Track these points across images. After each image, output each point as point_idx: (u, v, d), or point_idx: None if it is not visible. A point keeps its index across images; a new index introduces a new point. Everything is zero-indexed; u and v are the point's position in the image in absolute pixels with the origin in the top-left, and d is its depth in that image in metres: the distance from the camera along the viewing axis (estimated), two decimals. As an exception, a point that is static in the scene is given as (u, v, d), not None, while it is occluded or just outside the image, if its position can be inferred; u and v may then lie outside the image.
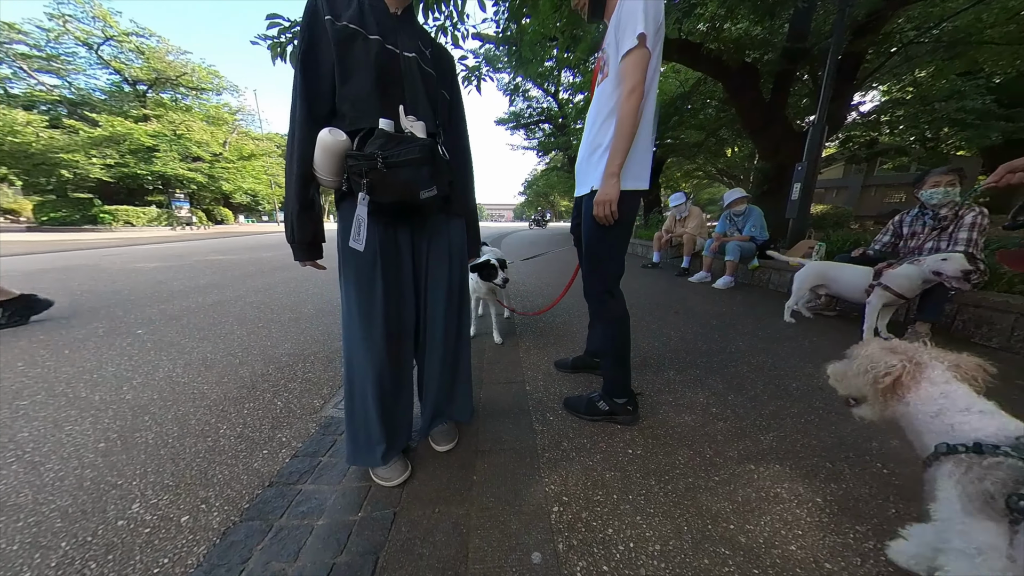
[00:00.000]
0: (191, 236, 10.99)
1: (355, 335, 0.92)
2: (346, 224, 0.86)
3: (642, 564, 0.76)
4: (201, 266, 4.73)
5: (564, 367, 1.69)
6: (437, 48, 1.00)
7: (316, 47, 0.82)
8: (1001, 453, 0.51)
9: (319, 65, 0.83)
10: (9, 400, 1.38)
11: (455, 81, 1.07)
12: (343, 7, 0.83)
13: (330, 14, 0.81)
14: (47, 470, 1.03)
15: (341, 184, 0.84)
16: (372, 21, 0.85)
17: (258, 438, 1.21)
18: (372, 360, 0.92)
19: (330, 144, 0.77)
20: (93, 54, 15.42)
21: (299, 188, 0.84)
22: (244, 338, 2.12)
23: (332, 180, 0.82)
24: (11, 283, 3.31)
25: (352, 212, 0.82)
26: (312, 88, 0.83)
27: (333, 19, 0.81)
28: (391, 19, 0.88)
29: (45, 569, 0.75)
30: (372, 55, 0.83)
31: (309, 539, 0.84)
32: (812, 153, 3.85)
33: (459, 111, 1.06)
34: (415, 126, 0.85)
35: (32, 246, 6.67)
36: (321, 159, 0.79)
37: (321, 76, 0.83)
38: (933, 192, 2.09)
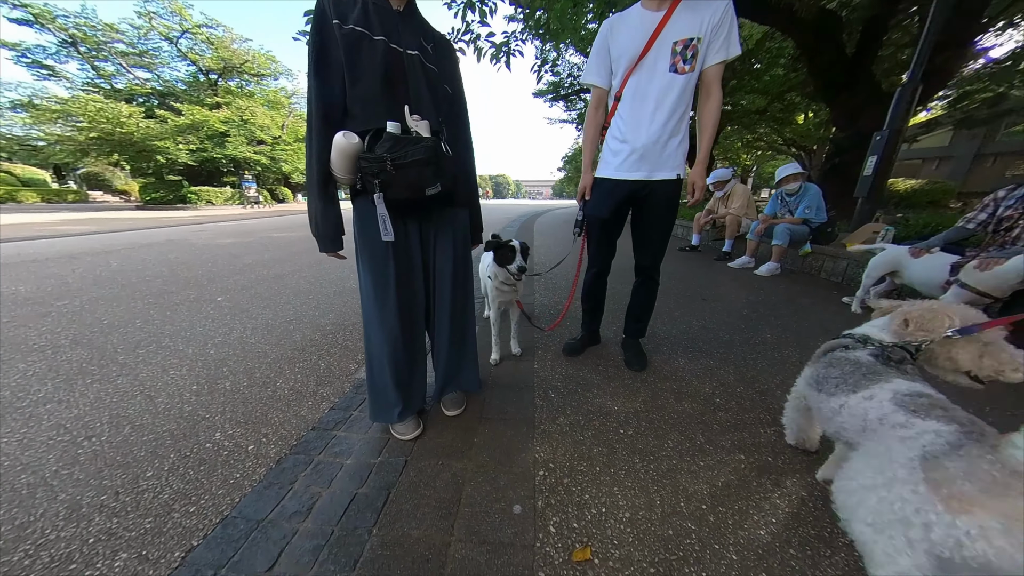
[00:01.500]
0: (258, 214, 12.30)
1: (371, 315, 1.06)
2: (361, 216, 0.98)
3: (609, 527, 0.86)
4: (265, 242, 5.37)
5: (574, 352, 1.75)
6: (438, 42, 1.04)
7: (326, 51, 0.88)
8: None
9: (330, 68, 0.89)
10: (132, 349, 1.79)
11: (456, 74, 1.11)
12: (348, 8, 0.88)
13: (337, 17, 0.86)
14: (160, 403, 1.36)
15: (356, 182, 0.93)
16: (376, 21, 0.90)
17: (305, 391, 1.46)
18: (386, 337, 1.06)
19: (344, 147, 0.87)
20: (173, 47, 17.16)
21: (320, 187, 0.94)
22: (298, 308, 2.46)
23: (348, 178, 0.93)
24: (127, 255, 4.08)
25: (366, 206, 0.95)
26: (325, 92, 0.90)
27: (340, 22, 0.87)
28: (394, 16, 0.94)
29: (160, 472, 1.03)
30: (378, 56, 0.89)
31: (339, 472, 1.04)
32: (896, 120, 3.27)
33: (460, 103, 1.11)
34: (420, 125, 0.93)
35: (142, 223, 7.98)
36: (337, 160, 0.89)
37: (332, 79, 0.89)
38: None
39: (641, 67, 1.23)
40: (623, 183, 1.37)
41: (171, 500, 0.94)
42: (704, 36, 1.17)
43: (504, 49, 2.85)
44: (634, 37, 1.22)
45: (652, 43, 1.20)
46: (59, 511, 0.90)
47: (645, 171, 1.33)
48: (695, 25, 1.17)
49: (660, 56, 1.20)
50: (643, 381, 1.51)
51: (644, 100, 1.25)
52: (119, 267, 3.48)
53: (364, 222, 0.98)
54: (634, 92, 1.27)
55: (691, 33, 1.17)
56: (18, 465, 1.03)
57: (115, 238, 5.45)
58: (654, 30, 1.18)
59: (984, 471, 0.48)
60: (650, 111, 1.24)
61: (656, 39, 1.19)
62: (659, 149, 1.28)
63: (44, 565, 0.77)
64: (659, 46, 1.19)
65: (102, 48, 15.82)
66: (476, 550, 0.81)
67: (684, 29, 1.17)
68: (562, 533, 0.84)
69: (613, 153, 1.37)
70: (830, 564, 0.77)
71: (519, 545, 0.82)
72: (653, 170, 1.32)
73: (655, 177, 1.33)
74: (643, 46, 1.21)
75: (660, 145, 1.28)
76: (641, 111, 1.26)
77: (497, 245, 1.45)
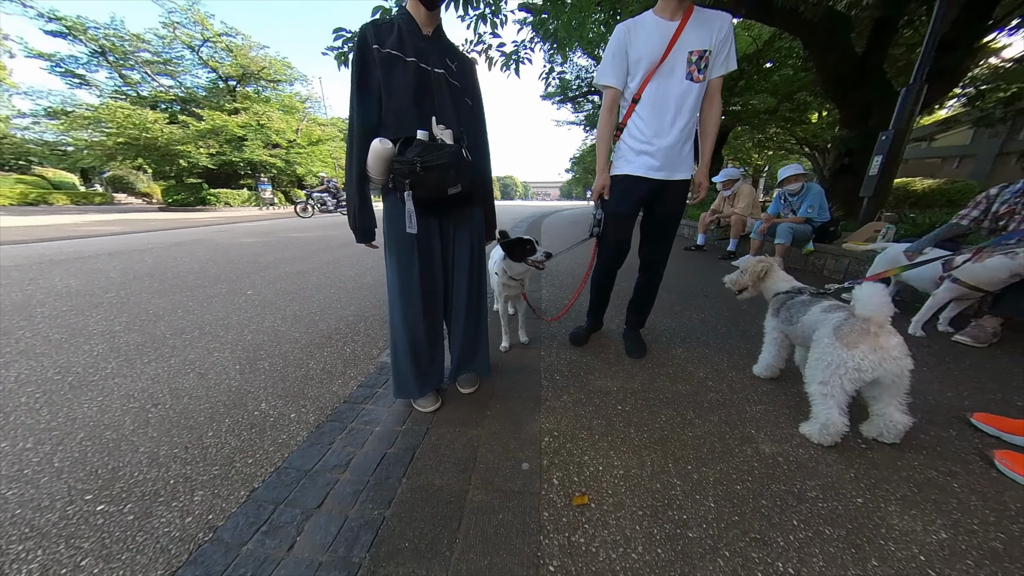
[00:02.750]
0: (274, 215, 12.72)
1: (396, 302, 1.19)
2: (390, 213, 1.13)
3: (605, 481, 0.99)
4: (284, 241, 5.63)
5: (580, 341, 1.85)
6: (462, 61, 1.17)
7: (367, 72, 1.03)
8: (782, 294, 1.41)
9: (370, 86, 1.04)
10: (178, 334, 1.99)
11: (476, 88, 1.25)
12: (386, 34, 1.04)
13: (376, 42, 1.02)
14: (210, 378, 1.54)
15: (388, 182, 1.07)
16: (409, 45, 1.05)
17: (335, 372, 1.63)
18: (409, 322, 1.20)
19: (380, 152, 1.00)
20: (195, 55, 17.85)
21: (359, 187, 1.10)
22: (321, 301, 2.64)
23: (380, 179, 1.06)
24: (160, 253, 4.37)
25: (394, 204, 1.10)
26: (366, 107, 1.05)
27: (379, 47, 1.02)
28: (424, 40, 1.08)
29: (219, 432, 1.21)
30: (410, 75, 1.04)
31: (370, 437, 1.20)
32: (902, 120, 3.31)
33: (479, 114, 1.25)
34: (444, 134, 1.07)
35: (166, 223, 8.40)
36: (373, 163, 1.02)
37: (372, 95, 1.05)
38: None
39: (660, 73, 1.30)
40: (644, 181, 1.43)
41: (231, 454, 1.11)
42: (713, 49, 1.28)
43: (514, 58, 3.00)
44: (652, 43, 1.28)
45: (670, 50, 1.27)
46: (141, 460, 1.07)
47: (666, 172, 1.41)
48: (706, 38, 1.27)
49: (677, 64, 1.29)
50: (641, 366, 1.64)
51: (665, 105, 1.33)
52: (154, 264, 3.75)
53: (392, 218, 1.12)
54: (654, 97, 1.33)
55: (704, 45, 1.27)
56: (101, 425, 1.22)
57: (145, 237, 5.78)
58: (671, 38, 1.27)
59: (858, 326, 1.02)
60: (671, 116, 1.33)
61: (673, 47, 1.27)
62: (677, 151, 1.38)
63: (138, 497, 0.94)
64: (676, 54, 1.28)
65: (129, 57, 16.56)
66: (490, 496, 0.95)
67: (697, 40, 1.27)
68: (564, 485, 0.98)
69: (635, 153, 1.42)
70: (795, 512, 0.89)
71: (527, 492, 0.95)
72: (672, 171, 1.41)
73: (673, 177, 1.43)
74: (662, 53, 1.27)
75: (678, 148, 1.38)
76: (663, 116, 1.34)
77: (512, 243, 1.52)
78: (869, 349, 0.98)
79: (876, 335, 0.99)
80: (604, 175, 1.50)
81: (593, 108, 13.53)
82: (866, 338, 0.99)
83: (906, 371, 1.00)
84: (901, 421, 1.06)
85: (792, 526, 0.85)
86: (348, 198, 1.13)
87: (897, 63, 5.80)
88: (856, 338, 1.00)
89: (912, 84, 3.21)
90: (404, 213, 1.06)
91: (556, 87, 12.93)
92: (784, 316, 1.36)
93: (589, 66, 12.22)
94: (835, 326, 1.08)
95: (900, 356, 0.98)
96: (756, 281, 1.53)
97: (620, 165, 1.47)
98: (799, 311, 1.29)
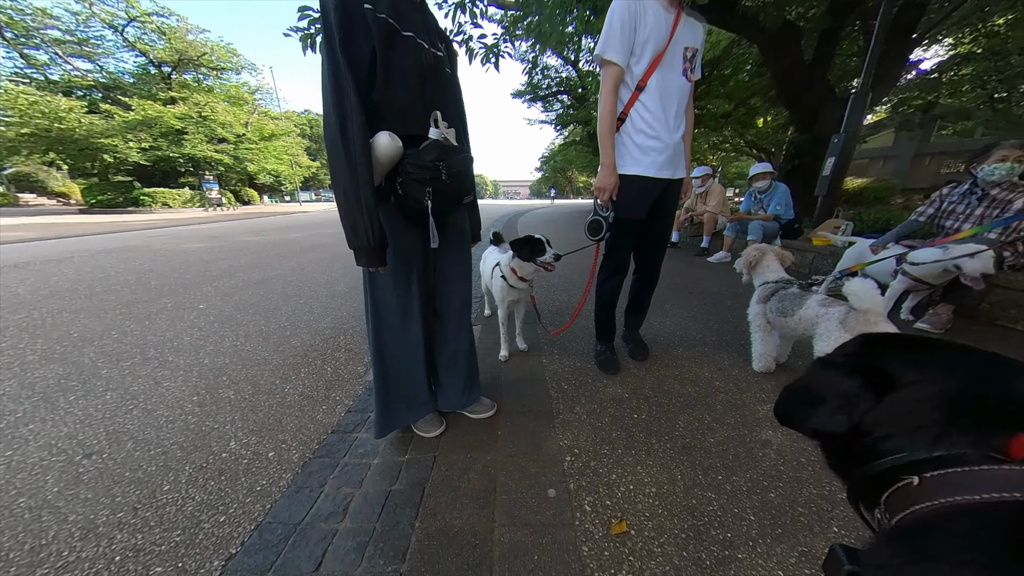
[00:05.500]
0: (223, 217, 11.57)
1: (393, 323, 1.01)
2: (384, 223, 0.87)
3: (640, 501, 0.93)
4: (239, 246, 5.09)
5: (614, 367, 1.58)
6: (447, 42, 1.00)
7: (352, 35, 0.74)
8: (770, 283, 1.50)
9: (359, 56, 0.76)
10: (115, 362, 1.67)
11: (457, 75, 1.07)
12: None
13: (368, 1, 0.75)
14: (159, 415, 1.29)
15: (381, 184, 0.85)
16: (404, 14, 0.82)
17: (317, 396, 1.43)
18: (412, 342, 1.03)
19: (390, 150, 0.79)
20: (119, 36, 15.77)
21: (366, 193, 0.78)
22: (290, 313, 2.37)
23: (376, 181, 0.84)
24: (83, 262, 3.75)
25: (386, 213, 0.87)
26: (359, 81, 0.76)
27: (372, 7, 0.75)
28: (415, 9, 0.87)
29: (178, 484, 0.99)
30: (410, 55, 0.83)
31: (368, 473, 1.05)
32: (852, 124, 3.60)
33: (463, 107, 1.09)
34: (449, 132, 0.89)
35: (88, 228, 7.30)
36: (378, 162, 0.80)
37: (362, 67, 0.77)
38: (996, 167, 1.83)
39: (664, 62, 1.21)
40: (657, 182, 1.32)
41: (197, 511, 0.91)
42: (699, 49, 1.27)
43: (495, 50, 2.88)
44: (660, 27, 1.18)
45: (670, 41, 1.20)
46: (72, 532, 0.85)
47: (671, 170, 1.33)
48: (694, 37, 1.25)
49: (675, 57, 1.23)
50: (647, 369, 1.61)
51: (670, 97, 1.25)
52: (76, 276, 3.20)
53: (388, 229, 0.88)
54: (660, 87, 1.23)
55: (695, 44, 1.25)
56: (12, 489, 0.96)
57: (63, 245, 4.97)
58: (671, 29, 1.20)
59: (861, 318, 1.09)
60: (675, 110, 1.27)
61: (672, 39, 1.20)
62: (680, 148, 1.34)
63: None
64: (675, 46, 1.22)
65: (33, 34, 14.26)
66: (520, 532, 0.84)
67: (690, 39, 1.24)
68: (597, 511, 0.90)
69: (643, 151, 1.29)
70: (832, 517, 0.87)
71: (560, 524, 0.86)
72: (675, 170, 1.35)
73: (675, 176, 1.36)
74: (667, 40, 1.19)
75: (680, 144, 1.33)
76: (668, 108, 1.25)
77: (522, 241, 1.44)
78: None
79: (876, 325, 1.06)
80: (614, 173, 1.29)
81: (563, 108, 13.70)
82: (871, 329, 1.05)
83: None
84: None
85: (833, 533, 0.83)
86: (349, 208, 0.81)
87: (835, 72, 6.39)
88: (863, 329, 1.06)
89: (860, 90, 3.50)
90: (395, 223, 0.91)
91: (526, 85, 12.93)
92: (775, 306, 1.40)
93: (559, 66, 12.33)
94: (840, 320, 1.13)
95: None
96: (748, 267, 1.59)
97: (627, 163, 1.32)
98: (793, 304, 1.32)
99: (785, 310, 1.35)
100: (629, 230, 1.41)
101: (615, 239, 1.45)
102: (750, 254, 1.59)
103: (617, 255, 1.49)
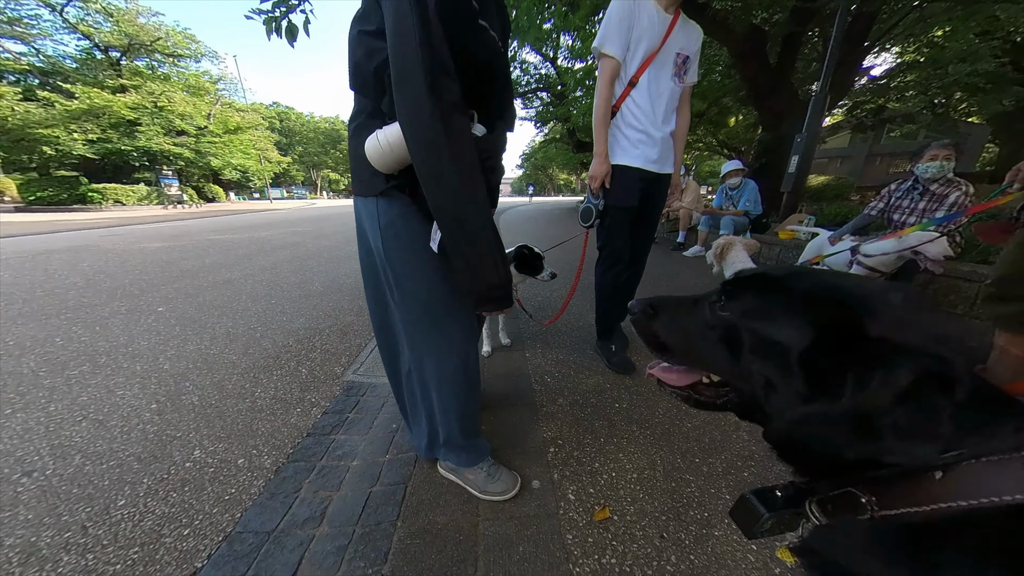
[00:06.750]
0: (184, 215, 10.85)
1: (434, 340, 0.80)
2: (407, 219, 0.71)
3: (622, 487, 0.94)
4: (204, 245, 4.78)
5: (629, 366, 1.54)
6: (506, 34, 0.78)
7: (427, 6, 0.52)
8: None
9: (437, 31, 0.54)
10: (59, 371, 1.53)
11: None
12: None
13: None
14: (113, 426, 1.19)
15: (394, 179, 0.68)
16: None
17: (290, 399, 1.37)
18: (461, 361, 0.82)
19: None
20: (57, 16, 14.37)
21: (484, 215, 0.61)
22: (260, 314, 2.25)
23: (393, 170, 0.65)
24: (20, 264, 3.40)
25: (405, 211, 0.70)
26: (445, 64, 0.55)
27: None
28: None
29: (135, 498, 0.92)
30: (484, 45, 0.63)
31: (347, 475, 1.01)
32: (812, 124, 3.82)
33: None
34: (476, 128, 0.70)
35: (26, 227, 6.63)
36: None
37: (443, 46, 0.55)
38: (929, 165, 2.03)
39: (656, 63, 1.24)
40: (645, 174, 1.36)
41: (157, 525, 0.84)
42: (692, 56, 1.30)
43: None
44: (654, 28, 1.21)
45: (663, 43, 1.22)
46: (10, 556, 0.76)
47: (659, 165, 1.37)
48: (688, 43, 1.28)
49: (667, 60, 1.26)
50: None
51: (660, 95, 1.28)
52: (13, 280, 2.90)
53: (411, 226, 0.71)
54: (651, 85, 1.26)
55: (688, 50, 1.28)
56: (-65, 515, 0.85)
57: (-3, 245, 4.50)
58: (666, 32, 1.22)
59: None
60: (664, 107, 1.29)
61: (666, 42, 1.22)
62: (668, 145, 1.37)
63: (8, 617, 0.66)
64: (667, 49, 1.24)
65: (-48, 12, 12.76)
66: (504, 526, 0.84)
67: (684, 44, 1.26)
68: (581, 499, 0.91)
69: (632, 143, 1.32)
70: (800, 492, 0.92)
71: (544, 515, 0.86)
72: (663, 165, 1.39)
73: (664, 171, 1.40)
74: (661, 39, 1.21)
75: (668, 142, 1.37)
76: (658, 105, 1.28)
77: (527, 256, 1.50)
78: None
79: None
80: (606, 162, 1.32)
81: (543, 105, 13.73)
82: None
83: None
84: None
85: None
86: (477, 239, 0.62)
87: (797, 75, 6.76)
88: None
89: (819, 94, 3.71)
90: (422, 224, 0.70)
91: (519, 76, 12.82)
92: None
93: (538, 62, 12.33)
94: None
95: None
96: (718, 258, 1.65)
97: (618, 154, 1.35)
98: None
99: None
100: (624, 218, 1.42)
101: (611, 228, 1.44)
102: (719, 244, 1.65)
103: (614, 244, 1.48)
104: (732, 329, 0.38)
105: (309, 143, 40.00)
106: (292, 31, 2.22)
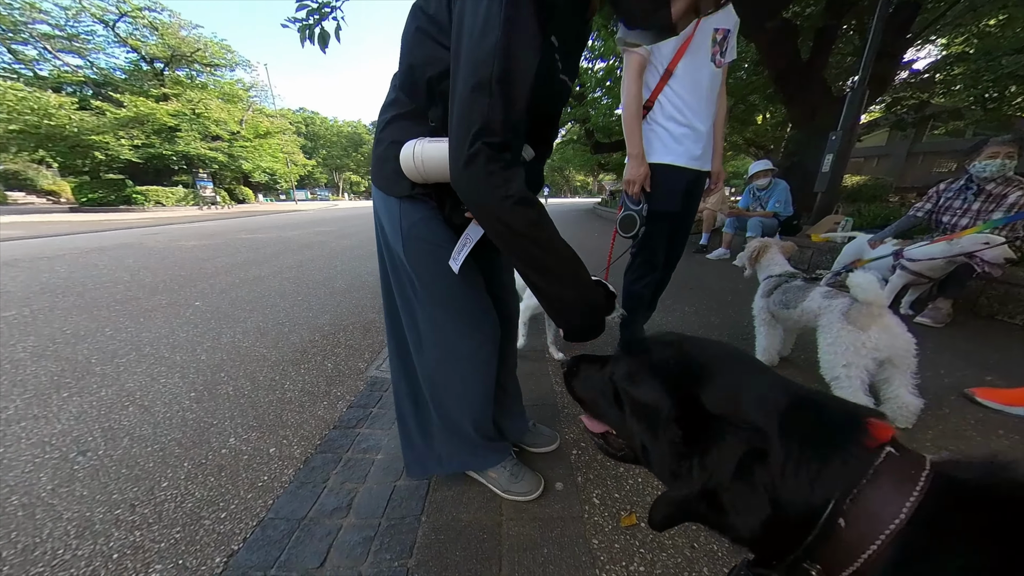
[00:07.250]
0: (217, 215, 11.45)
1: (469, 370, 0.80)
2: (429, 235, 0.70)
3: (648, 493, 0.92)
4: (235, 244, 5.03)
5: None
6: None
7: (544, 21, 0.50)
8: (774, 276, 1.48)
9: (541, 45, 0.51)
10: (109, 359, 1.64)
11: None
12: None
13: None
14: (156, 411, 1.26)
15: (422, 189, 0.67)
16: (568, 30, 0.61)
17: (317, 392, 1.41)
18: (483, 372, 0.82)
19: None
20: (110, 31, 15.53)
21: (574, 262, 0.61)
22: (288, 310, 2.34)
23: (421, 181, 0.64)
24: (75, 259, 3.68)
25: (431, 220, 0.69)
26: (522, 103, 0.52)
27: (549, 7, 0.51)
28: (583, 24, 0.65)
29: (176, 481, 0.97)
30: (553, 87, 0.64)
31: (372, 468, 1.03)
32: (849, 121, 3.61)
33: None
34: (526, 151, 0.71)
35: (79, 226, 7.18)
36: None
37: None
38: (987, 164, 1.85)
39: (691, 49, 1.14)
40: (689, 173, 1.25)
41: (196, 508, 0.89)
42: (732, 30, 1.18)
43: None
44: None
45: (698, 24, 1.12)
46: (68, 529, 0.82)
47: (701, 162, 1.26)
48: (728, 17, 1.17)
49: (703, 43, 1.15)
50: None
51: (699, 85, 1.18)
52: (68, 274, 3.14)
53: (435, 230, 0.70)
54: (689, 74, 1.17)
55: (727, 24, 1.17)
56: (4, 487, 0.93)
57: (55, 242, 4.89)
58: None
59: (864, 310, 1.06)
60: (704, 97, 1.19)
61: (700, 21, 1.11)
62: (711, 139, 1.27)
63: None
64: (704, 28, 1.14)
65: (20, 29, 14.01)
66: (528, 526, 0.83)
67: (721, 17, 1.16)
68: (606, 504, 0.89)
69: (676, 139, 1.22)
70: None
71: (568, 518, 0.85)
72: (705, 161, 1.28)
73: (704, 168, 1.29)
74: (693, 25, 1.12)
75: (711, 134, 1.25)
76: (698, 95, 1.18)
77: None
78: (879, 329, 1.05)
79: (880, 316, 1.05)
80: (644, 163, 1.21)
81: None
82: (874, 320, 1.05)
83: (912, 345, 1.06)
84: (913, 403, 1.10)
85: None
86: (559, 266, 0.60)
87: (832, 71, 6.42)
88: (866, 320, 1.05)
89: (857, 88, 3.51)
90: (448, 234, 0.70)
91: None
92: (778, 299, 1.39)
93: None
94: (843, 311, 1.12)
95: (903, 332, 1.05)
96: (752, 260, 1.57)
97: (658, 152, 1.22)
98: (796, 296, 1.32)
99: (788, 302, 1.34)
100: (665, 223, 1.32)
101: (650, 234, 1.33)
102: (753, 247, 1.58)
103: (650, 251, 1.38)
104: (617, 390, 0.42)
105: (332, 146, 41.42)
106: (324, 38, 2.30)
